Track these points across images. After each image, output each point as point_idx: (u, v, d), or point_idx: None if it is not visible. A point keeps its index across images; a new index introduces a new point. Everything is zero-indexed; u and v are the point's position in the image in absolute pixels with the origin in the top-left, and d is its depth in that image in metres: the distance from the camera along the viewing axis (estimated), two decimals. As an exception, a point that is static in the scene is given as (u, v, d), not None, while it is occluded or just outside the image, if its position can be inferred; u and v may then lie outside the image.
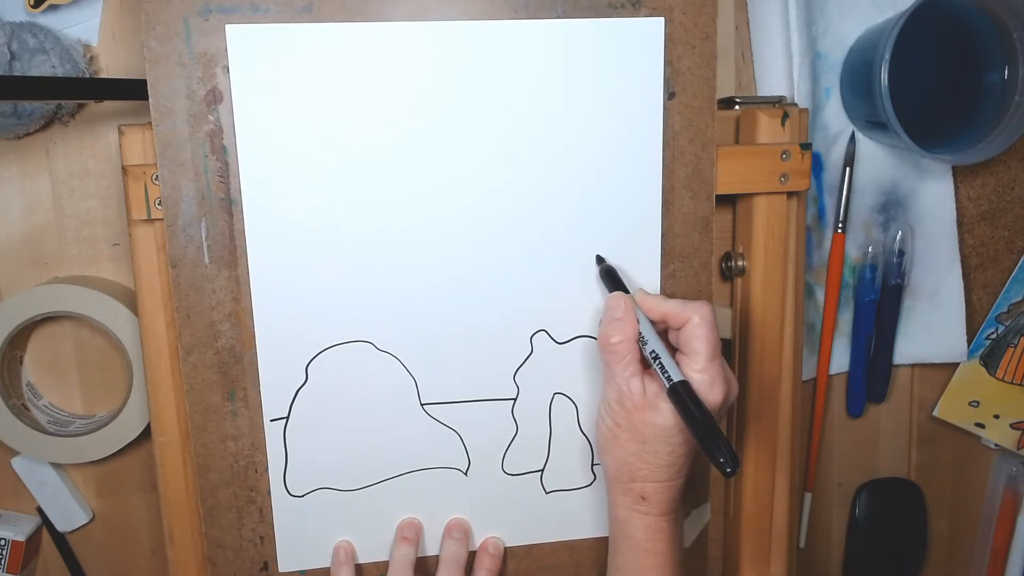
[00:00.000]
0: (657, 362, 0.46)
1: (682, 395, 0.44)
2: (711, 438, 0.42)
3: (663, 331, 0.49)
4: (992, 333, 0.68)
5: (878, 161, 0.64)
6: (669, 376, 0.45)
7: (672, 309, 0.47)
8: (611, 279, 0.51)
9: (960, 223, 0.66)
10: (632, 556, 0.47)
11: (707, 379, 0.45)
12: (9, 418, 0.56)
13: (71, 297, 0.55)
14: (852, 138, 0.63)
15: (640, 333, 0.47)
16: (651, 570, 0.47)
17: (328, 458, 0.53)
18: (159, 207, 0.49)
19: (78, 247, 0.58)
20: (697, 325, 0.46)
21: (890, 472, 0.70)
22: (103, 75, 0.56)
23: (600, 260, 0.52)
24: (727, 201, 0.57)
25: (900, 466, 0.71)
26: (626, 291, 0.49)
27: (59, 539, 0.62)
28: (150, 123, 0.48)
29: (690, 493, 0.57)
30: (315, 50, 0.48)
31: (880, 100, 0.56)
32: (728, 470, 0.42)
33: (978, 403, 0.69)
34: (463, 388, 0.53)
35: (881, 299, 0.65)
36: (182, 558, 0.54)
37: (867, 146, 0.64)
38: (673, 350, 0.47)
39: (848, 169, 0.63)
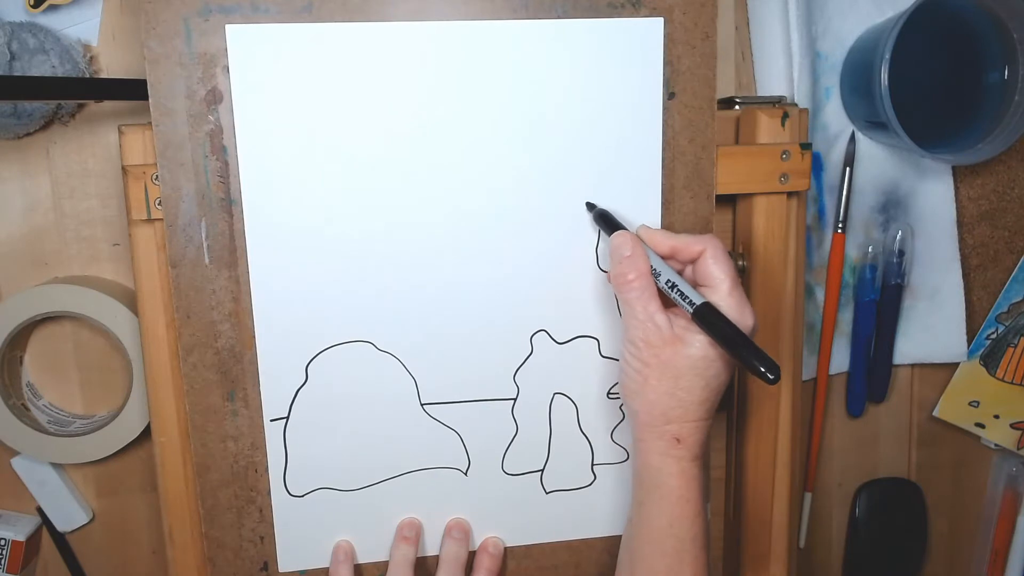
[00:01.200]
0: (675, 291, 0.45)
1: (709, 315, 0.43)
2: (748, 349, 0.42)
3: (681, 270, 0.48)
4: (992, 333, 0.68)
5: (878, 161, 0.64)
6: (691, 301, 0.44)
7: (681, 241, 0.47)
8: (607, 222, 0.50)
9: (960, 223, 0.66)
10: (666, 505, 0.45)
11: (736, 303, 0.44)
12: (9, 418, 0.56)
13: (71, 297, 0.55)
14: (852, 138, 0.63)
15: (652, 267, 0.46)
16: (687, 519, 0.45)
17: (328, 458, 0.53)
18: (159, 207, 0.49)
19: (78, 247, 0.58)
20: (713, 256, 0.45)
21: (890, 472, 0.70)
22: (103, 75, 0.56)
23: (591, 206, 0.51)
24: (727, 201, 0.57)
25: (900, 466, 0.71)
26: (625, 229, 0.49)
27: (59, 539, 0.62)
28: (150, 123, 0.48)
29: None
30: (315, 50, 0.48)
31: (880, 100, 0.56)
32: (771, 376, 0.41)
33: (978, 403, 0.69)
34: (463, 388, 0.53)
35: (881, 299, 0.65)
36: (182, 558, 0.54)
37: (867, 146, 0.64)
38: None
39: (848, 169, 0.63)
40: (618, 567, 0.49)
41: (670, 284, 0.45)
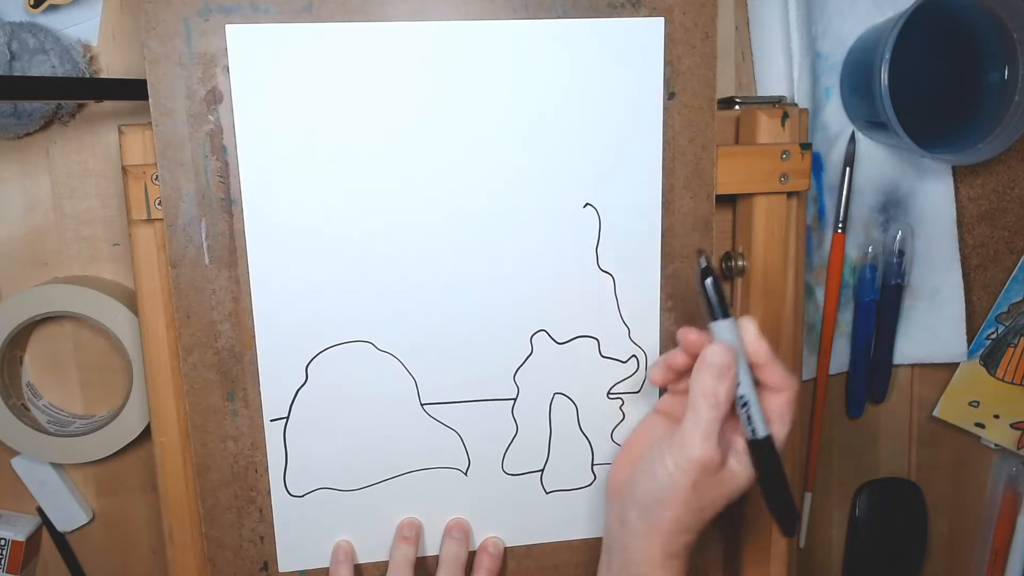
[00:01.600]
0: (745, 410, 0.43)
1: (766, 451, 0.42)
2: (782, 498, 0.42)
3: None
4: (992, 333, 0.68)
5: (878, 161, 0.64)
6: (754, 428, 0.42)
7: (772, 370, 0.43)
8: (719, 298, 0.43)
9: (960, 223, 0.66)
10: None
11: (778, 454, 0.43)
12: (9, 418, 0.56)
13: (71, 297, 0.55)
14: (852, 138, 0.63)
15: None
16: None
17: (328, 458, 0.53)
18: (159, 207, 0.49)
19: (78, 247, 0.58)
20: (791, 399, 0.43)
21: (890, 472, 0.70)
22: (103, 75, 0.56)
23: (703, 260, 0.43)
24: (727, 201, 0.57)
25: (900, 466, 0.71)
26: (730, 315, 0.44)
27: (59, 539, 0.62)
28: (150, 123, 0.48)
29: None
30: (315, 50, 0.48)
31: (880, 100, 0.56)
32: (787, 533, 0.42)
33: (978, 403, 0.69)
34: (463, 388, 0.53)
35: (881, 299, 0.65)
36: (182, 558, 0.54)
37: (867, 146, 0.64)
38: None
39: (848, 169, 0.63)
40: None
41: (743, 401, 0.43)
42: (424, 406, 0.53)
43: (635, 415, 0.55)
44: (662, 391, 0.55)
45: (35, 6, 0.54)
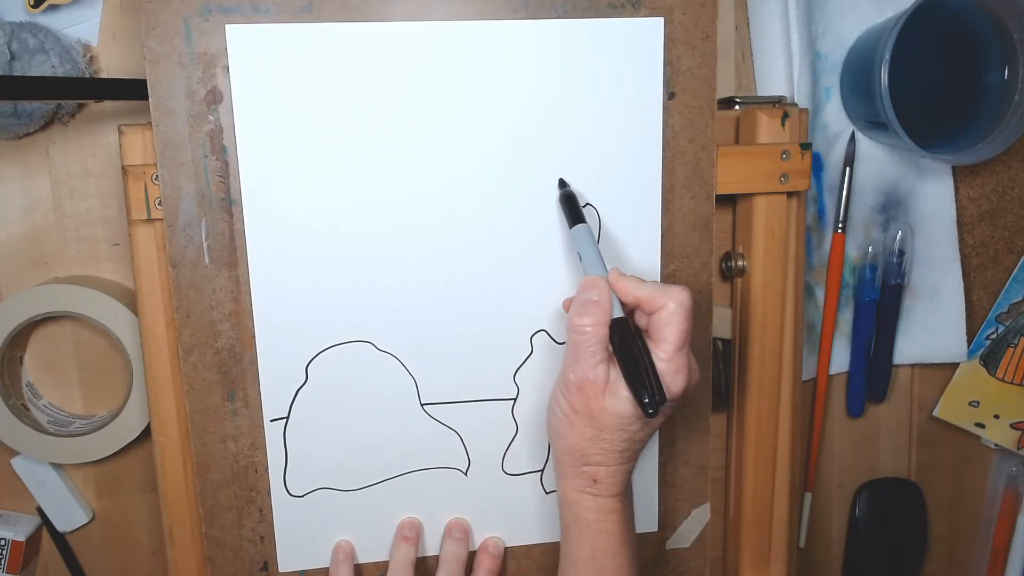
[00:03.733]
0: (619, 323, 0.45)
1: (619, 333, 0.44)
2: (640, 380, 0.43)
3: (631, 311, 0.47)
4: (992, 333, 0.68)
5: (878, 161, 0.64)
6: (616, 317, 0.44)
7: (647, 294, 0.45)
8: (570, 207, 0.49)
9: (960, 223, 0.66)
10: (585, 537, 0.46)
11: (672, 368, 0.43)
12: (9, 418, 0.56)
13: (71, 297, 0.55)
14: (852, 138, 0.63)
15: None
16: (602, 552, 0.46)
17: (328, 458, 0.53)
18: (159, 207, 0.49)
19: (78, 247, 0.58)
20: (672, 312, 0.44)
21: (890, 472, 0.70)
22: (103, 75, 0.56)
23: (563, 184, 0.51)
24: (727, 201, 0.57)
25: (900, 466, 0.71)
26: (583, 221, 0.48)
27: (59, 539, 0.62)
28: (150, 123, 0.48)
29: (690, 493, 0.57)
30: (315, 50, 0.48)
31: (880, 100, 0.56)
32: (650, 412, 0.42)
33: (978, 403, 0.69)
34: (463, 388, 0.53)
35: (881, 299, 0.65)
36: (182, 558, 0.54)
37: (867, 146, 0.64)
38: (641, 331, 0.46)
39: (848, 169, 0.63)
40: None
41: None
42: (424, 406, 0.53)
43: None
44: None
45: (35, 6, 0.54)
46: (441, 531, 0.55)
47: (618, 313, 0.45)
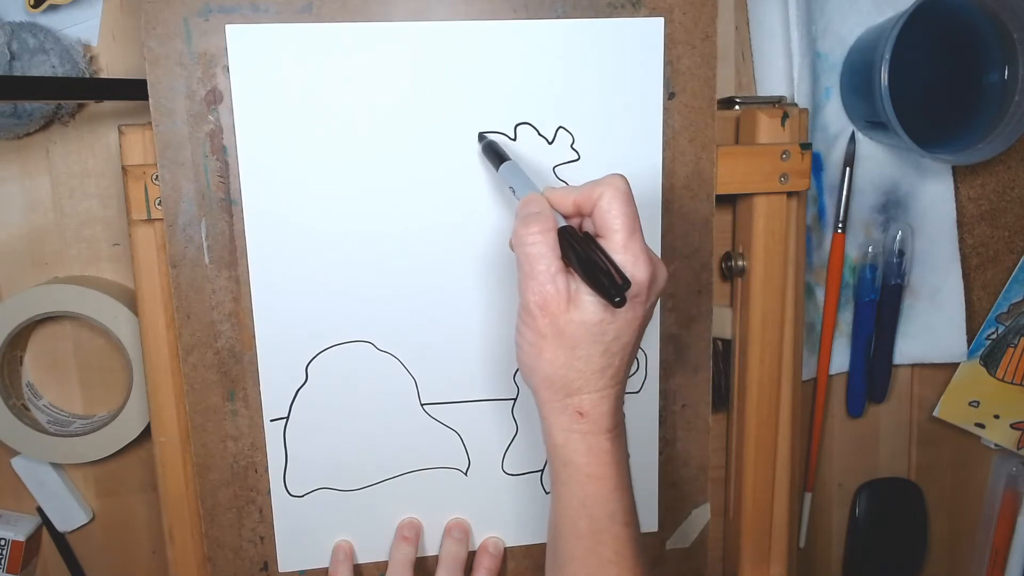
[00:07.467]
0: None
1: (568, 238, 0.40)
2: (597, 277, 0.39)
3: (579, 224, 0.43)
4: (992, 333, 0.68)
5: (878, 161, 0.64)
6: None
7: (581, 193, 0.41)
8: (494, 153, 0.47)
9: (960, 223, 0.66)
10: (575, 484, 0.42)
11: (630, 257, 0.40)
12: (9, 418, 0.56)
13: (71, 297, 0.55)
14: (852, 138, 0.63)
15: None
16: (600, 497, 0.42)
17: (328, 458, 0.53)
18: (159, 207, 0.49)
19: (78, 247, 0.58)
20: (610, 199, 0.40)
21: (890, 472, 0.70)
22: (103, 75, 0.56)
23: (482, 137, 0.50)
24: (727, 201, 0.57)
25: (900, 466, 0.71)
26: (508, 159, 0.46)
27: (59, 539, 0.62)
28: (150, 123, 0.48)
29: (690, 493, 0.57)
30: (315, 50, 0.48)
31: (880, 100, 0.56)
32: (616, 300, 0.38)
33: (978, 403, 0.69)
34: (463, 388, 0.53)
35: (881, 299, 0.65)
36: (182, 558, 0.54)
37: (867, 146, 0.64)
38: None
39: (848, 169, 0.63)
40: (547, 548, 0.46)
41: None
42: (424, 406, 0.53)
43: (635, 414, 0.55)
44: (663, 387, 0.56)
45: (35, 6, 0.54)
46: (441, 531, 0.55)
47: (562, 223, 0.42)
